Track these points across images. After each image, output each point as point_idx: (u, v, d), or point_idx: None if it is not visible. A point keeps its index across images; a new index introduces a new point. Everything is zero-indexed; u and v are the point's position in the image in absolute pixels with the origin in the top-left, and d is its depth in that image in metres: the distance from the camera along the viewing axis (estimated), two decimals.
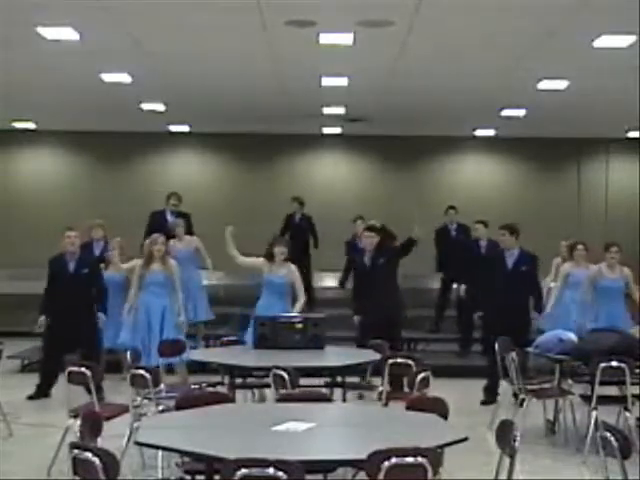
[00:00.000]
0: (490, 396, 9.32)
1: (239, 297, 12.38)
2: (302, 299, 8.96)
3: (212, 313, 11.67)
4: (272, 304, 8.79)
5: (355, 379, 8.10)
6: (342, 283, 12.37)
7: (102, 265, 10.40)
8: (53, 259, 9.65)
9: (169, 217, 12.46)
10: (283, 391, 6.02)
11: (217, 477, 4.24)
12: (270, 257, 8.97)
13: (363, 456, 4.01)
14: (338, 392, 7.40)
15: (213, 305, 11.82)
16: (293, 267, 9.02)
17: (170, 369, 9.21)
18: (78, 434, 4.79)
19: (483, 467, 6.01)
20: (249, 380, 7.97)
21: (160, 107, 14.08)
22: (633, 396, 7.37)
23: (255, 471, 3.83)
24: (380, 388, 7.26)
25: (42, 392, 9.64)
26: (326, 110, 14.29)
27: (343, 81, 11.79)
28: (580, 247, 10.50)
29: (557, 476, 6.95)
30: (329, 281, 14.40)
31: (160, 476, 5.96)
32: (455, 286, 12.46)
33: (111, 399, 7.89)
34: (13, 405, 8.93)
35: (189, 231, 12.05)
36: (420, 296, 14.19)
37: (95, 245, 11.29)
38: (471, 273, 11.07)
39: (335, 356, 7.75)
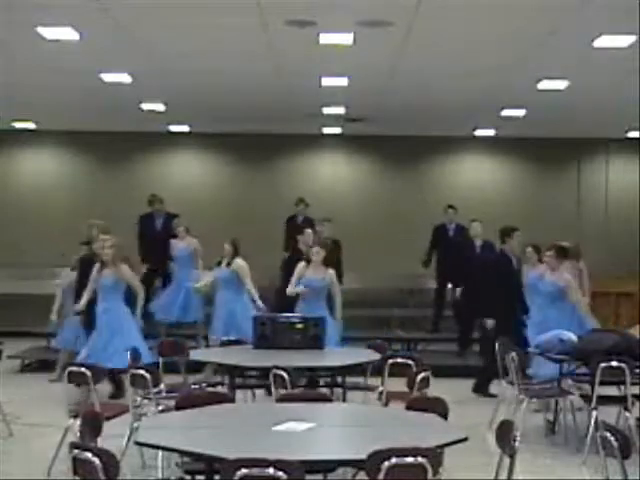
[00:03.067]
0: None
1: None
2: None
3: (202, 314, 11.67)
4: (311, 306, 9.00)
5: (359, 379, 8.09)
6: None
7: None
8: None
9: (157, 220, 12.60)
10: (283, 391, 6.03)
11: (217, 477, 4.24)
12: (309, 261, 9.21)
13: (363, 456, 4.01)
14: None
15: (211, 305, 11.82)
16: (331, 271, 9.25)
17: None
18: (78, 434, 4.79)
19: (483, 467, 6.01)
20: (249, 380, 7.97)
21: (160, 107, 14.08)
22: (633, 396, 7.38)
23: (255, 471, 3.83)
24: (380, 388, 7.26)
25: None
26: (326, 110, 14.29)
27: (343, 81, 11.79)
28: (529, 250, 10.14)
29: (557, 476, 6.95)
30: None
31: (160, 476, 5.95)
32: (450, 286, 12.47)
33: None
34: (13, 405, 8.94)
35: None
36: (420, 296, 14.21)
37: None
38: (466, 274, 11.12)
39: (335, 356, 7.76)
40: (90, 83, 11.88)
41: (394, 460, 3.96)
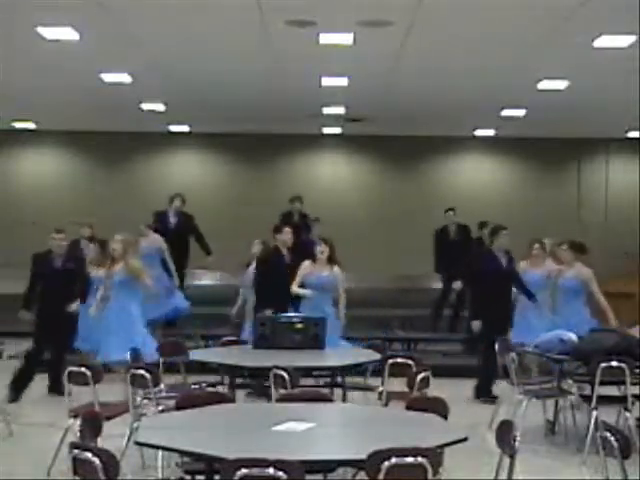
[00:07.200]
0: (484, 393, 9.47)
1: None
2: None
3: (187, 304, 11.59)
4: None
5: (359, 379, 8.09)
6: None
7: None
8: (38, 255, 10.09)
9: (171, 218, 12.51)
10: (283, 391, 6.02)
11: (217, 477, 4.24)
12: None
13: (363, 456, 4.01)
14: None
15: (211, 305, 11.82)
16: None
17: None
18: (78, 434, 4.79)
19: (483, 467, 6.00)
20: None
21: (160, 107, 14.08)
22: (633, 396, 7.37)
23: (255, 471, 3.83)
24: (380, 388, 7.26)
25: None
26: (326, 110, 14.29)
27: (343, 81, 11.80)
28: (537, 246, 9.95)
29: (557, 476, 6.95)
30: None
31: (160, 476, 5.95)
32: (454, 285, 12.47)
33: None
34: (13, 405, 8.94)
35: (196, 231, 12.47)
36: (420, 296, 14.21)
37: (82, 243, 11.41)
38: (466, 272, 11.11)
39: (335, 356, 7.75)
40: (90, 83, 11.89)
41: (394, 460, 3.96)
